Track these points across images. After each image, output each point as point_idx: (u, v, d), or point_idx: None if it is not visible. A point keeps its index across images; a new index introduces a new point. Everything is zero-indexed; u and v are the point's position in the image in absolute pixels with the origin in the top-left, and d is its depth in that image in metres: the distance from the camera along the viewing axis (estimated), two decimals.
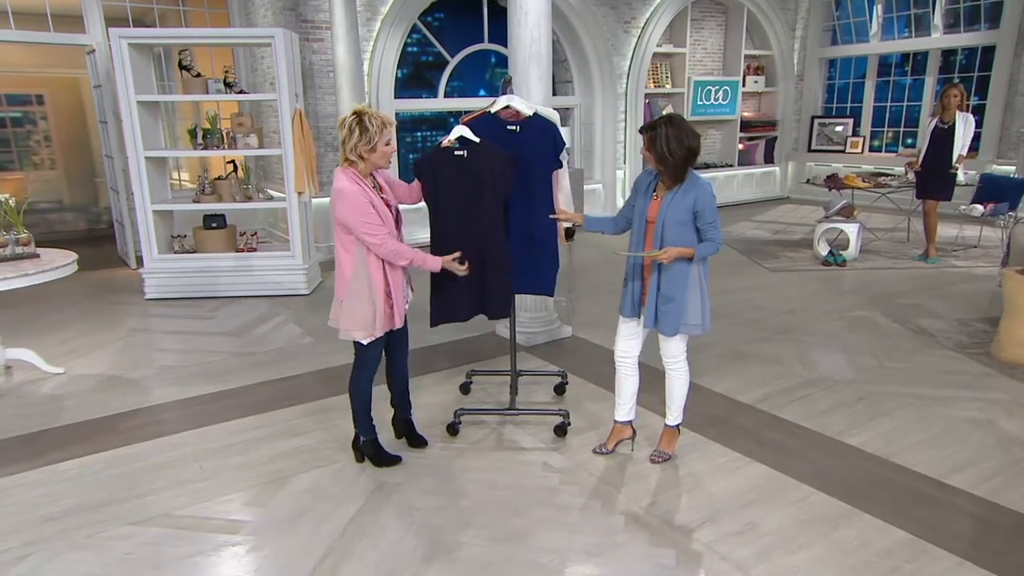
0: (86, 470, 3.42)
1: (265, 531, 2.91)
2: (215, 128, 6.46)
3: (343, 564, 2.69)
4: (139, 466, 3.45)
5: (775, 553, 2.70)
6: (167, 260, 6.56)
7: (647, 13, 10.33)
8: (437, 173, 3.37)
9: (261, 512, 3.04)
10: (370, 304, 3.13)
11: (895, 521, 2.86)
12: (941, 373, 4.43)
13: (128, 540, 2.85)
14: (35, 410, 4.14)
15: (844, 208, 7.53)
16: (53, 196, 10.31)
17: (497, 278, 3.50)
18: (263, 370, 4.71)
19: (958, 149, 6.97)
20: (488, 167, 3.34)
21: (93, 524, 2.96)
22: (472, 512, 3.02)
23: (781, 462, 3.37)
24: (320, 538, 2.85)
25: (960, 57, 10.40)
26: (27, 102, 9.93)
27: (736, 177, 11.80)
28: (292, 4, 7.76)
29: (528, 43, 4.72)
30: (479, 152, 3.34)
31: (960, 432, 3.64)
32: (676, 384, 3.35)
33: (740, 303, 6.06)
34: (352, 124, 2.98)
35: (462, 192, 3.37)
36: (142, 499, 3.15)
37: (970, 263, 7.26)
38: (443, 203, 3.41)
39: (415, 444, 3.63)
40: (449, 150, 3.37)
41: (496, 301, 3.55)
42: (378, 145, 2.99)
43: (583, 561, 2.69)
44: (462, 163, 3.34)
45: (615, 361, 3.41)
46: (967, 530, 2.80)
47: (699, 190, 3.03)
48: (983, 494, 3.04)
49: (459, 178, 3.35)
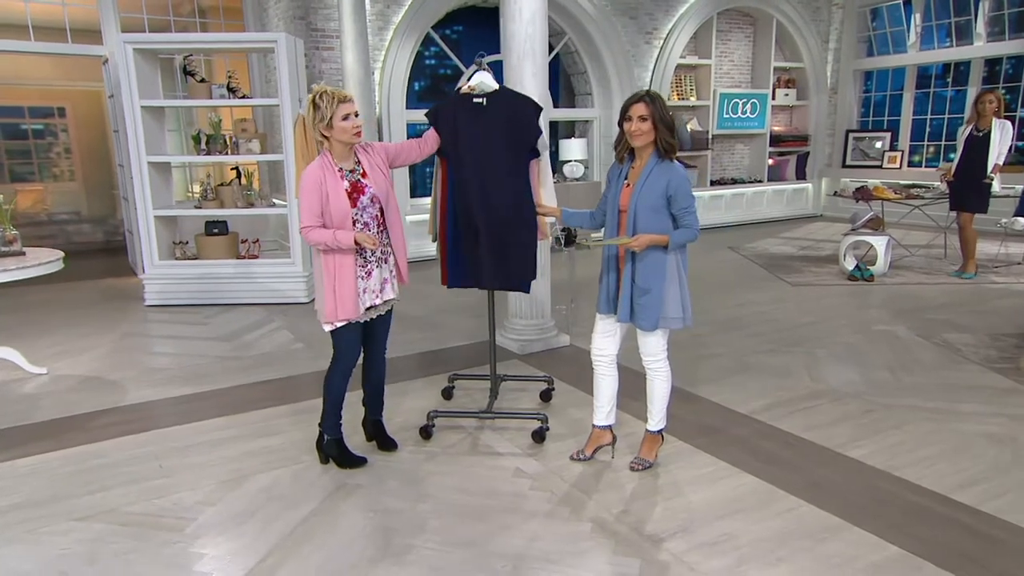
0: (43, 467, 3.39)
1: (210, 529, 2.83)
2: (218, 133, 6.56)
3: (284, 564, 2.59)
4: (97, 463, 3.41)
5: (750, 565, 2.52)
6: (168, 266, 6.63)
7: (669, 24, 10.27)
8: (454, 122, 3.34)
9: (211, 510, 2.97)
10: (326, 290, 3.12)
11: (889, 536, 2.65)
12: (963, 388, 4.17)
13: (67, 536, 2.79)
14: (9, 408, 4.16)
15: (871, 220, 7.28)
16: (72, 207, 10.61)
17: (516, 236, 3.40)
18: (244, 374, 4.68)
19: (993, 158, 6.70)
20: (508, 115, 3.29)
21: (35, 519, 2.92)
22: (431, 516, 2.90)
23: (772, 473, 3.18)
24: (266, 537, 2.76)
25: (1006, 66, 10.07)
26: (49, 114, 10.28)
27: (765, 193, 11.56)
28: (303, 13, 7.90)
29: (522, 39, 4.68)
30: (499, 100, 3.30)
31: (975, 448, 3.39)
32: (657, 385, 3.20)
33: (754, 316, 5.86)
34: (307, 105, 3.05)
35: (479, 143, 3.33)
36: (92, 496, 3.10)
37: (1011, 279, 6.92)
38: (458, 154, 3.37)
39: (384, 447, 3.53)
40: (468, 97, 3.34)
41: (514, 262, 3.44)
42: (334, 121, 3.00)
43: (538, 568, 2.54)
44: (480, 111, 3.30)
45: (592, 361, 3.27)
46: (968, 548, 2.58)
47: (672, 173, 2.93)
48: (991, 511, 2.81)
49: (477, 127, 3.32)
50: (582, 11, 9.48)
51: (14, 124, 10.30)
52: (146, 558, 2.64)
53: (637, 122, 2.94)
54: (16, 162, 10.33)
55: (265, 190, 8.45)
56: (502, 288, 3.65)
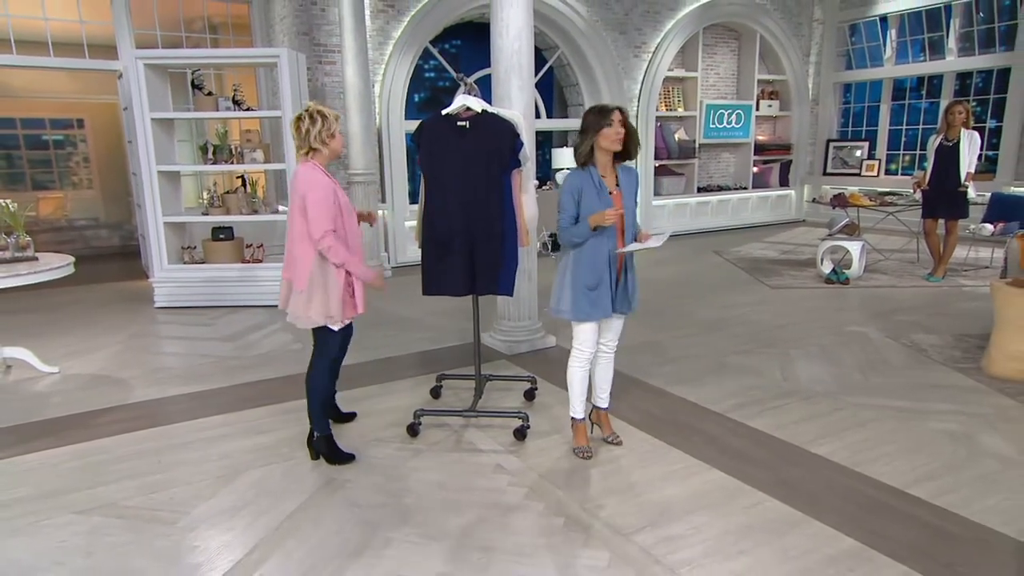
0: (47, 462, 3.40)
1: (201, 523, 2.82)
2: (224, 144, 6.56)
3: (270, 557, 2.59)
4: (99, 459, 3.42)
5: (713, 558, 2.51)
6: (176, 270, 6.64)
7: (657, 38, 10.26)
8: (436, 142, 3.39)
9: (204, 505, 2.97)
10: (337, 290, 3.15)
11: (846, 529, 2.65)
12: (927, 387, 4.16)
13: (66, 528, 2.79)
14: (20, 406, 4.17)
15: (847, 226, 7.26)
16: (90, 214, 10.62)
17: (488, 253, 3.45)
18: (244, 373, 4.68)
19: (965, 167, 6.68)
20: (488, 139, 3.33)
21: (37, 512, 2.92)
22: (412, 511, 2.90)
23: (740, 469, 3.17)
24: (254, 531, 2.76)
25: (976, 80, 10.05)
26: (69, 126, 10.30)
27: (750, 200, 11.54)
28: (307, 29, 7.90)
29: (509, 54, 4.68)
30: (481, 124, 3.34)
31: (934, 444, 3.38)
32: (611, 365, 3.44)
33: (733, 318, 5.84)
34: (313, 114, 3.16)
35: (459, 164, 3.37)
36: (92, 490, 3.10)
37: (979, 282, 6.90)
38: (438, 173, 3.42)
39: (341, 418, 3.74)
40: (451, 119, 3.37)
41: (486, 275, 3.50)
42: (336, 132, 3.19)
43: (512, 561, 2.54)
44: (463, 134, 3.34)
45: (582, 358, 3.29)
46: (920, 540, 2.57)
47: (635, 173, 3.18)
48: (944, 505, 2.80)
49: (457, 148, 3.36)
50: (574, 27, 9.48)
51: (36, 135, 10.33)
52: (140, 550, 2.64)
53: (618, 127, 3.01)
54: (38, 171, 10.36)
55: (271, 197, 8.45)
56: (481, 294, 3.66)
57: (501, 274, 3.51)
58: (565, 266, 3.18)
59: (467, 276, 3.53)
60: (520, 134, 3.49)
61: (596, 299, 3.14)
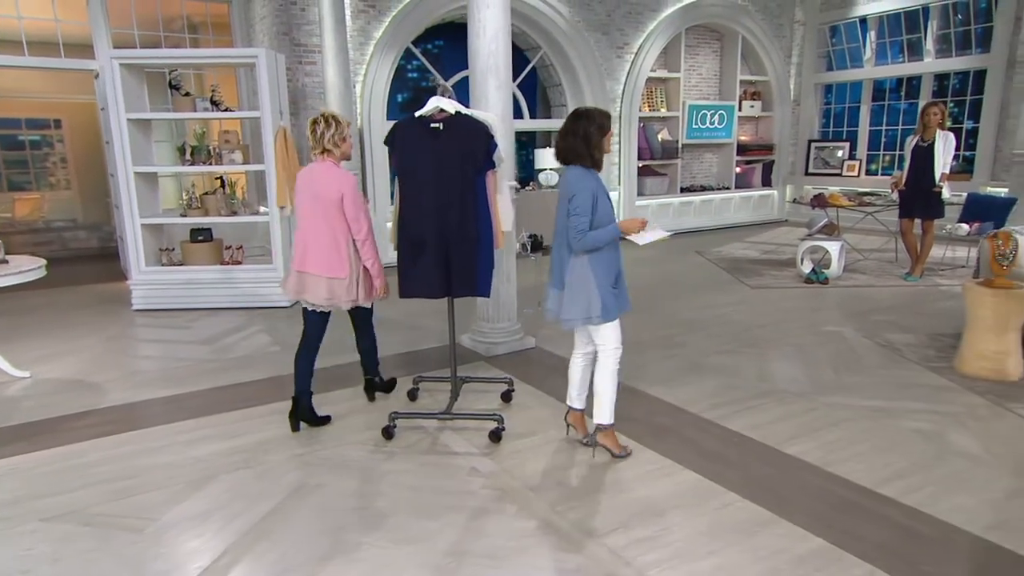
0: (17, 468, 3.36)
1: (171, 529, 2.80)
2: (202, 145, 6.51)
3: (238, 562, 2.57)
4: (70, 465, 3.38)
5: (682, 559, 2.53)
6: (154, 272, 6.57)
7: (640, 39, 10.29)
8: (409, 143, 3.42)
9: (175, 510, 2.94)
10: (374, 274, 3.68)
11: (815, 529, 2.67)
12: (900, 386, 4.20)
13: (33, 536, 2.76)
14: None
15: (826, 226, 7.32)
16: (68, 215, 10.50)
17: (462, 255, 3.46)
18: (221, 376, 4.64)
19: (940, 167, 6.75)
20: (462, 140, 3.35)
21: (5, 519, 2.88)
22: (384, 514, 2.89)
23: (713, 469, 3.19)
24: (224, 536, 2.74)
25: (953, 81, 10.17)
26: (45, 126, 10.18)
27: (733, 200, 11.61)
28: (286, 29, 7.86)
29: (486, 55, 4.68)
30: (454, 125, 3.35)
31: (905, 443, 3.42)
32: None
33: (713, 318, 5.87)
34: (328, 119, 3.56)
35: (432, 165, 3.38)
36: (62, 496, 3.07)
37: (955, 282, 6.98)
38: (411, 174, 3.44)
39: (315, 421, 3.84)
40: (425, 121, 3.39)
41: (461, 278, 3.50)
42: (347, 136, 3.58)
43: (482, 564, 2.53)
44: (436, 135, 3.36)
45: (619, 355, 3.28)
46: (887, 539, 2.59)
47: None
48: (912, 503, 2.83)
49: (431, 150, 3.37)
50: (556, 27, 9.49)
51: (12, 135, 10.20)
52: (107, 557, 2.62)
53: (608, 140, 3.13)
54: (14, 172, 10.23)
55: (252, 198, 8.39)
56: (456, 296, 3.64)
57: (477, 275, 3.50)
58: (585, 272, 3.09)
59: (442, 278, 3.53)
60: (494, 136, 3.49)
61: (619, 295, 3.21)
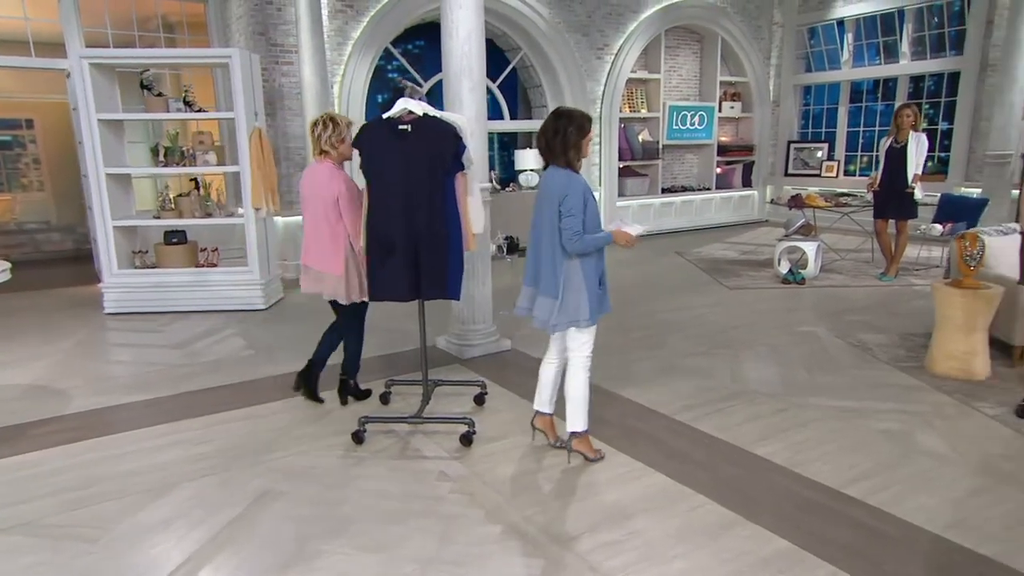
0: None
1: (126, 539, 2.74)
2: (175, 146, 6.43)
3: (196, 572, 2.52)
4: (27, 474, 3.30)
5: (648, 563, 2.51)
6: (127, 275, 6.48)
7: (620, 40, 10.30)
8: (377, 145, 3.39)
9: (130, 520, 2.88)
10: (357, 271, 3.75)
11: (780, 531, 2.66)
12: (870, 386, 4.22)
13: None
14: None
15: (803, 226, 7.36)
16: (41, 217, 10.33)
17: (431, 256, 3.43)
18: (191, 381, 4.57)
19: (912, 169, 6.81)
20: (430, 142, 3.32)
21: None
22: (348, 521, 2.85)
23: (682, 472, 3.18)
24: (184, 546, 2.69)
25: (929, 83, 10.27)
26: (16, 126, 10.00)
27: (713, 200, 11.65)
28: (263, 29, 7.78)
29: (459, 56, 4.65)
30: (422, 127, 3.33)
31: (873, 443, 3.43)
32: None
33: (689, 319, 5.88)
34: (326, 120, 3.64)
35: (400, 167, 3.35)
36: (14, 507, 2.99)
37: (929, 281, 7.03)
38: (379, 176, 3.41)
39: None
40: (393, 122, 3.37)
41: (430, 280, 3.47)
42: (345, 137, 3.62)
43: (446, 571, 2.50)
44: (404, 137, 3.33)
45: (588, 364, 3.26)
46: (851, 540, 2.59)
47: None
48: (877, 504, 2.83)
49: (399, 152, 3.34)
50: (536, 28, 9.47)
51: None
52: (56, 570, 2.55)
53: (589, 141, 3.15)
54: None
55: (229, 200, 8.29)
56: (426, 299, 3.60)
57: (447, 277, 3.47)
58: (575, 276, 3.06)
59: (411, 280, 3.49)
60: (463, 137, 3.46)
61: (602, 296, 3.19)
